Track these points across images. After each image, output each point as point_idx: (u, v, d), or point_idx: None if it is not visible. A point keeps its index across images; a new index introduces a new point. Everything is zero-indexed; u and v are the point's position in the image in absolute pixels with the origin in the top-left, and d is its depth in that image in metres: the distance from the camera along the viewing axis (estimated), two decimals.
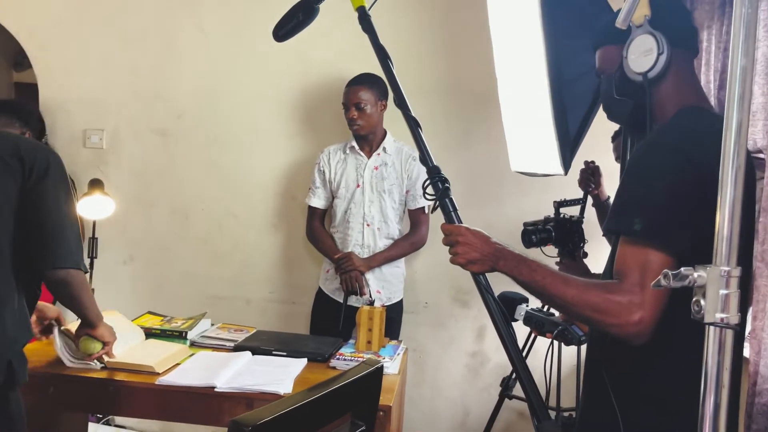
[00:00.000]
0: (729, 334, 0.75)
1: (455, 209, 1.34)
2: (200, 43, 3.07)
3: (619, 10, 1.08)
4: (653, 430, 1.19)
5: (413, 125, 1.40)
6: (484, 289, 1.25)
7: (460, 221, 1.33)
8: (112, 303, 2.73)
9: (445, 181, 1.34)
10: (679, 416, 1.09)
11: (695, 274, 0.75)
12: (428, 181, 1.34)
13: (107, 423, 3.13)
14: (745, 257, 1.26)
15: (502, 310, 1.23)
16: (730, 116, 0.74)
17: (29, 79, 4.03)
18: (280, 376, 1.89)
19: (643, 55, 1.21)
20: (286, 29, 1.55)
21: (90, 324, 1.78)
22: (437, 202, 1.33)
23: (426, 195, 1.36)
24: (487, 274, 1.31)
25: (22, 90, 4.67)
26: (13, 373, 1.54)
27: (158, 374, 1.86)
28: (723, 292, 0.74)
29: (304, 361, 2.04)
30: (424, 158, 1.36)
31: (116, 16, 3.11)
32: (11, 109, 1.95)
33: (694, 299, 0.76)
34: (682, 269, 0.75)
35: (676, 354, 1.12)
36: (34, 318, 1.93)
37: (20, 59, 4.53)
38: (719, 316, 0.74)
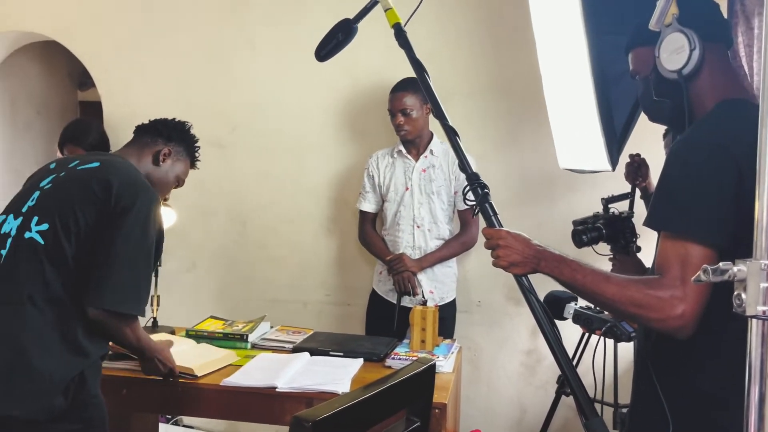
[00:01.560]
0: None
1: (495, 213, 1.37)
2: (251, 57, 3.18)
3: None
4: (703, 425, 1.20)
5: (451, 134, 1.43)
6: (527, 291, 1.28)
7: (500, 225, 1.36)
8: (176, 309, 2.87)
9: (484, 186, 1.36)
10: (728, 410, 1.09)
11: (735, 269, 0.77)
12: (468, 188, 1.38)
13: (176, 423, 3.28)
14: None
15: (546, 310, 1.26)
16: (764, 111, 0.76)
17: (93, 98, 4.26)
18: (337, 375, 1.95)
19: (675, 53, 1.22)
20: (327, 49, 1.61)
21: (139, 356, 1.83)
22: (477, 208, 1.37)
23: (466, 201, 1.39)
24: (533, 276, 1.34)
25: (87, 108, 4.92)
26: (84, 381, 1.60)
27: (198, 377, 1.93)
28: (764, 285, 0.76)
29: (360, 360, 2.10)
30: (463, 165, 1.40)
31: (171, 36, 3.26)
32: (155, 127, 1.97)
33: (735, 293, 0.78)
34: (721, 264, 0.77)
35: (723, 348, 1.12)
36: None
37: (84, 79, 4.78)
38: (761, 308, 0.76)
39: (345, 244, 3.16)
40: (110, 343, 1.82)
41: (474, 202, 1.37)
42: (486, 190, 1.36)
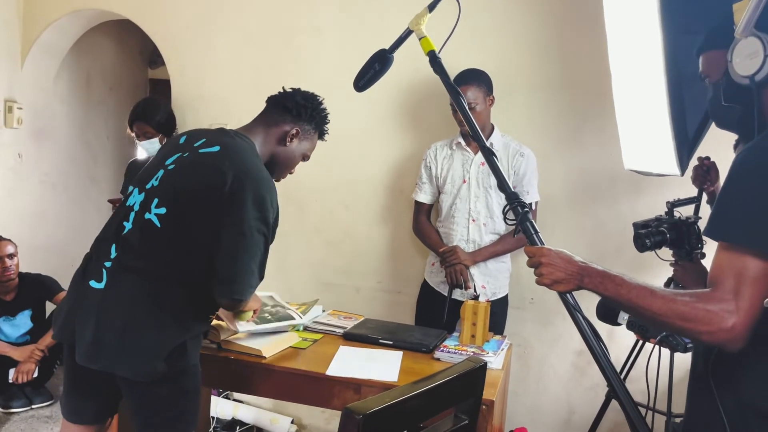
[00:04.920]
0: None
1: (536, 231, 1.38)
2: (317, 42, 3.21)
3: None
4: None
5: (488, 155, 1.46)
6: (572, 308, 1.27)
7: (542, 243, 1.35)
8: None
9: (523, 205, 1.38)
10: None
11: None
12: (508, 207, 1.38)
13: (226, 397, 3.39)
14: None
15: (592, 327, 1.25)
16: None
17: (163, 76, 4.39)
18: (385, 365, 1.97)
19: (748, 58, 1.18)
20: (365, 80, 1.66)
21: None
22: (519, 226, 1.37)
23: (507, 220, 1.41)
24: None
25: (156, 86, 5.08)
26: (185, 351, 1.68)
27: (266, 358, 1.98)
28: None
29: (400, 354, 2.10)
30: (502, 185, 1.42)
31: (240, 18, 3.32)
32: (284, 105, 1.92)
33: None
34: None
35: None
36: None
37: (155, 58, 4.93)
38: None
39: (398, 232, 3.17)
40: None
41: (515, 221, 1.38)
42: (526, 209, 1.38)
